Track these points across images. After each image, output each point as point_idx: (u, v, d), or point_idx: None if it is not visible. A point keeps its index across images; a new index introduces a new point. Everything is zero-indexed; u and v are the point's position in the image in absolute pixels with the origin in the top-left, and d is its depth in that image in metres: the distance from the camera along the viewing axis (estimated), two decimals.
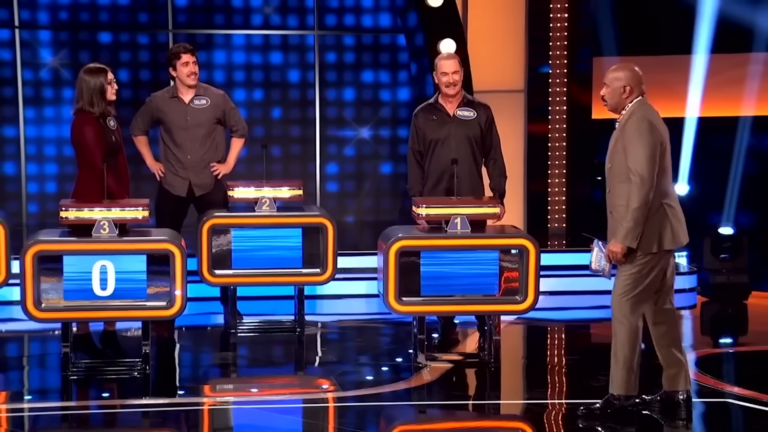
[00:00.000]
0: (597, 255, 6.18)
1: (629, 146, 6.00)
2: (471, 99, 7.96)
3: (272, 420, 6.36)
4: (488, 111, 7.92)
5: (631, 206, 5.97)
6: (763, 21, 11.82)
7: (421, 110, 7.93)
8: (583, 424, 6.12)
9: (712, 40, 11.76)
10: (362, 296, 9.33)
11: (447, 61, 7.81)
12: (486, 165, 7.97)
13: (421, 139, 7.85)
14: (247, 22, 11.98)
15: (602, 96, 6.16)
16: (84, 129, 7.48)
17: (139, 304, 6.98)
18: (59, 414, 6.54)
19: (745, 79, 11.92)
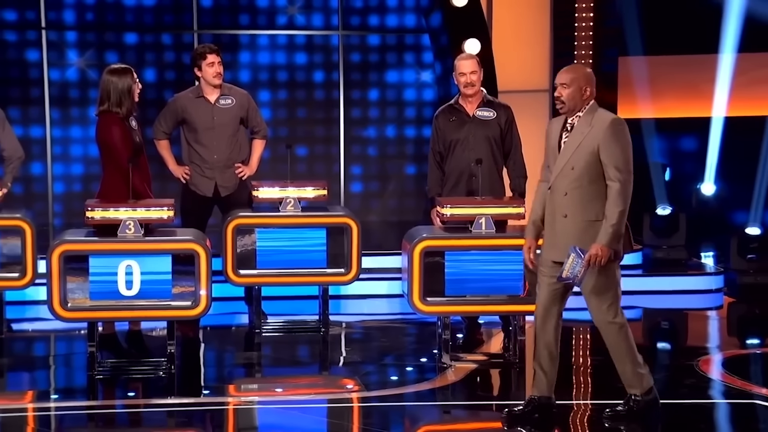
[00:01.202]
0: (573, 262, 5.85)
1: (607, 147, 5.86)
2: (491, 99, 7.95)
3: (297, 420, 6.37)
4: (508, 111, 7.91)
5: (618, 208, 5.84)
6: None
7: (441, 111, 7.93)
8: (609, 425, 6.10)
9: (739, 39, 11.71)
10: (386, 296, 9.33)
11: (465, 62, 7.81)
12: (506, 165, 7.95)
13: (441, 140, 7.85)
14: (272, 23, 12.01)
15: (558, 97, 5.98)
16: (111, 129, 7.51)
17: (164, 303, 7.01)
18: (85, 413, 6.57)
19: None
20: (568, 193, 5.93)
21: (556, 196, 5.97)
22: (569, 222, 5.93)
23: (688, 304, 9.62)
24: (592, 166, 5.89)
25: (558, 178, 5.95)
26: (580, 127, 5.94)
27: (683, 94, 12.31)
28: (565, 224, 5.95)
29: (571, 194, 5.92)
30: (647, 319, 9.30)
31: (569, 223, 5.94)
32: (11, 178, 8.20)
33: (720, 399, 6.83)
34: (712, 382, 7.13)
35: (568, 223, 5.94)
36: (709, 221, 11.91)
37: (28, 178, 11.69)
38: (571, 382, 7.28)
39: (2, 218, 7.76)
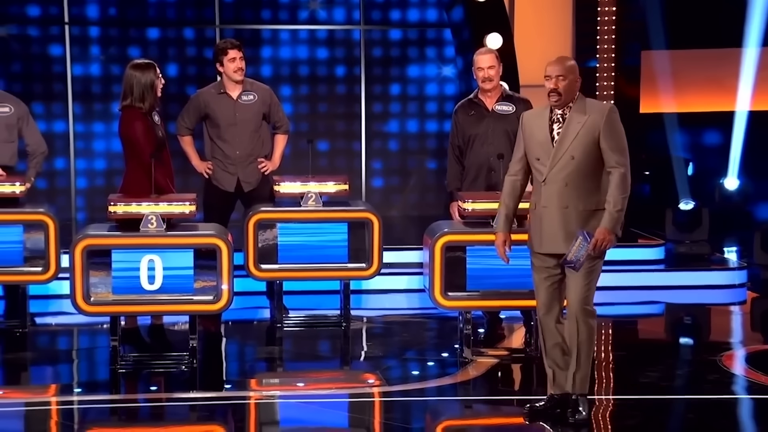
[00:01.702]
0: (579, 245, 5.81)
1: (609, 134, 5.86)
2: (510, 94, 7.93)
3: (318, 414, 6.38)
4: (528, 105, 7.87)
5: (622, 194, 5.84)
6: None
7: (460, 106, 7.92)
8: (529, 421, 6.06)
9: (763, 33, 11.65)
10: (408, 291, 9.34)
11: (483, 56, 7.78)
12: None
13: (460, 134, 7.83)
14: (294, 18, 12.02)
15: (555, 89, 5.93)
16: (134, 124, 7.52)
17: (186, 298, 7.03)
18: (108, 407, 6.60)
19: None
20: (568, 184, 5.89)
21: (553, 187, 5.91)
22: (571, 212, 5.90)
23: (711, 299, 9.58)
24: (591, 155, 5.87)
25: (555, 169, 5.90)
26: (575, 117, 5.92)
27: (706, 88, 12.26)
28: (567, 215, 5.90)
29: (572, 184, 5.89)
30: (670, 314, 9.27)
31: (572, 214, 5.90)
32: (35, 173, 8.24)
33: (743, 395, 6.80)
34: (736, 377, 7.10)
35: (570, 214, 5.90)
36: (733, 216, 11.87)
37: (51, 173, 11.75)
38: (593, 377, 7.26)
39: (26, 213, 7.79)
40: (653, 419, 6.21)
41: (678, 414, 6.43)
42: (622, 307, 9.38)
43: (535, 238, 6.03)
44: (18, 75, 11.60)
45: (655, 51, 11.85)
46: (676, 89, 12.12)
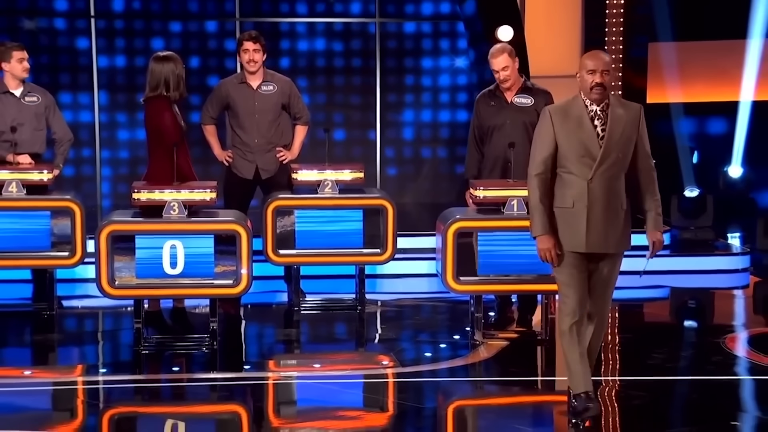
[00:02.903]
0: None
1: (645, 138, 5.70)
2: (530, 86, 7.88)
3: (334, 394, 6.39)
4: (548, 97, 7.83)
5: (657, 195, 5.71)
6: None
7: (481, 96, 7.88)
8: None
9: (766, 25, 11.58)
10: (421, 276, 9.32)
11: (496, 59, 7.68)
12: None
13: (480, 124, 7.80)
14: (311, 11, 12.00)
15: (602, 83, 5.58)
16: (163, 113, 7.54)
17: (207, 282, 7.04)
18: (131, 387, 6.62)
19: None
20: (613, 182, 5.58)
21: (599, 186, 5.55)
22: (618, 211, 5.63)
23: (715, 283, 9.55)
24: (629, 154, 5.64)
25: (603, 167, 5.57)
26: (617, 114, 5.65)
27: (711, 78, 12.20)
28: (614, 214, 5.62)
29: (616, 183, 5.59)
30: (675, 298, 9.24)
31: (619, 213, 5.64)
32: (62, 160, 8.26)
33: (746, 376, 6.79)
34: (738, 359, 7.08)
35: (617, 213, 5.63)
36: (736, 203, 11.81)
37: (77, 161, 11.77)
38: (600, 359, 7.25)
39: (53, 200, 7.81)
40: (659, 399, 6.20)
41: (682, 394, 6.41)
42: (629, 291, 9.34)
43: (575, 237, 5.60)
44: (45, 66, 11.61)
45: (661, 43, 11.79)
46: (682, 80, 12.06)
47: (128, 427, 5.91)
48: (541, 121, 5.68)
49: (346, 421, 5.94)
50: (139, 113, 11.52)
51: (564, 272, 5.66)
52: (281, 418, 6.15)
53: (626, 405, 6.17)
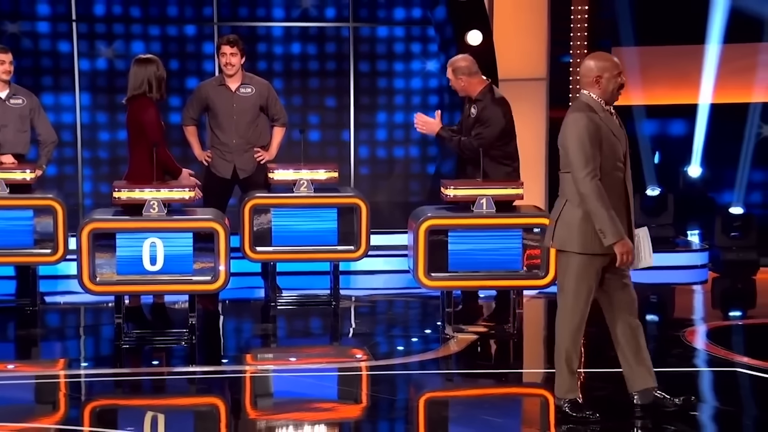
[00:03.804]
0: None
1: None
2: (479, 98, 7.75)
3: (309, 387, 6.38)
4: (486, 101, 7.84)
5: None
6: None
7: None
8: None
9: (724, 31, 11.64)
10: (393, 272, 9.32)
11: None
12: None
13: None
14: (287, 15, 11.97)
15: (624, 84, 5.54)
16: (148, 110, 7.53)
17: (185, 278, 7.01)
18: (112, 380, 6.58)
19: (755, 68, 11.80)
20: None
21: (626, 183, 5.50)
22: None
23: (675, 279, 9.60)
24: None
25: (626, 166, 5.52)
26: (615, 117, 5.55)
27: (672, 82, 12.25)
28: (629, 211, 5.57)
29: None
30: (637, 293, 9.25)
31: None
32: (46, 161, 8.21)
33: (704, 367, 6.83)
34: (697, 351, 7.12)
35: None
36: (696, 201, 11.87)
37: (60, 161, 11.70)
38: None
39: (36, 198, 7.77)
40: (621, 390, 6.22)
41: None
42: None
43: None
44: (29, 69, 11.53)
45: (624, 47, 11.83)
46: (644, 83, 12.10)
47: (109, 419, 5.88)
48: (584, 126, 5.40)
49: (321, 412, 5.93)
50: (119, 115, 11.47)
51: (584, 279, 5.52)
52: (258, 410, 6.13)
53: (590, 396, 6.19)
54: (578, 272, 5.51)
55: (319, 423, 5.77)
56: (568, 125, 5.45)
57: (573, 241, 5.48)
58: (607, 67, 5.47)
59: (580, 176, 5.36)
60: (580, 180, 5.36)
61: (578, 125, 5.40)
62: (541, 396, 6.33)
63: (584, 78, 5.50)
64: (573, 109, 5.52)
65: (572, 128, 5.41)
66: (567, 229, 5.49)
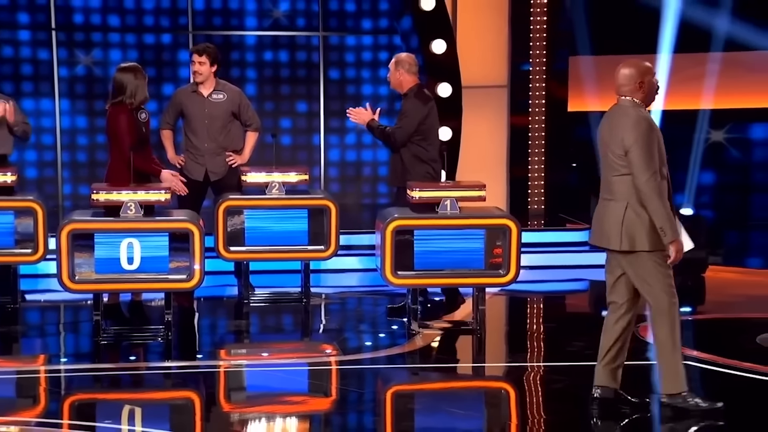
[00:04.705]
0: None
1: None
2: (407, 92, 7.84)
3: (281, 381, 6.36)
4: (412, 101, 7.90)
5: None
6: (719, 23, 11.79)
7: None
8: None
9: (674, 41, 11.72)
10: (362, 270, 9.32)
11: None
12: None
13: None
14: (260, 24, 11.94)
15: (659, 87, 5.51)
16: (119, 118, 7.49)
17: (162, 277, 6.97)
18: (91, 375, 6.54)
19: (703, 77, 11.90)
20: None
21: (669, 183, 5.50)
22: None
23: None
24: None
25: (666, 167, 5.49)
26: None
27: None
28: None
29: None
30: (593, 290, 9.32)
31: None
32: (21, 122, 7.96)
33: (656, 361, 6.85)
34: (650, 345, 7.15)
35: None
36: None
37: (40, 164, 11.61)
38: (525, 346, 7.30)
39: (17, 200, 7.69)
40: (578, 383, 6.24)
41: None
42: (552, 284, 9.43)
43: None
44: (9, 76, 11.43)
45: (581, 56, 11.89)
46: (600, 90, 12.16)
47: (88, 413, 5.83)
48: (645, 128, 5.38)
49: (292, 405, 5.92)
50: (98, 119, 11.38)
51: (665, 273, 5.50)
52: (232, 404, 6.11)
53: (549, 388, 6.22)
54: (660, 268, 5.47)
55: (291, 416, 5.75)
56: (628, 129, 5.36)
57: (644, 240, 5.41)
58: (648, 70, 5.46)
59: (644, 177, 5.32)
60: (645, 181, 5.32)
61: (641, 128, 5.35)
62: (502, 389, 6.35)
63: (627, 85, 5.44)
64: (627, 114, 5.42)
65: (635, 131, 5.35)
66: (636, 229, 5.41)
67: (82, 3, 11.65)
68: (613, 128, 5.45)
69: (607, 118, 5.55)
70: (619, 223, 5.46)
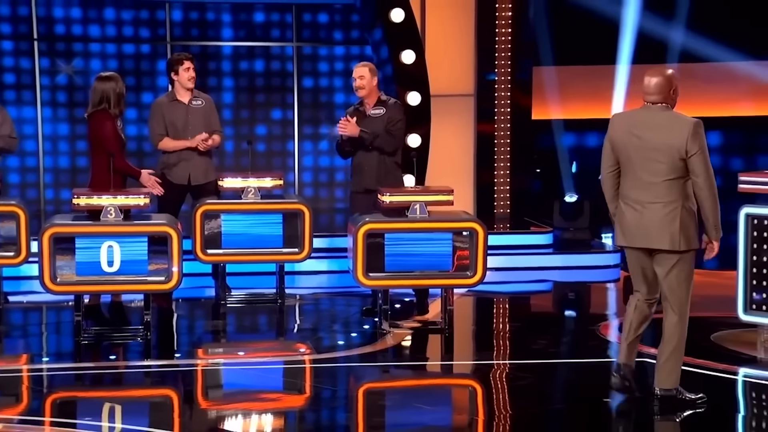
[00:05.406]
0: None
1: None
2: (384, 99, 7.89)
3: (257, 379, 6.34)
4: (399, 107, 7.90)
5: None
6: (675, 36, 11.88)
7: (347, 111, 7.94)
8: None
9: (632, 53, 11.81)
10: (334, 272, 9.31)
11: (355, 68, 7.81)
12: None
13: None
14: (236, 35, 11.91)
15: None
16: (105, 124, 7.47)
17: (141, 279, 6.93)
18: (73, 373, 6.49)
19: None
20: None
21: None
22: None
23: (591, 277, 9.70)
24: None
25: None
26: None
27: (587, 98, 12.39)
28: None
29: None
30: (557, 290, 9.36)
31: None
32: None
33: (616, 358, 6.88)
34: (610, 343, 7.19)
35: None
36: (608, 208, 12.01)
37: (22, 170, 11.52)
38: (492, 345, 7.32)
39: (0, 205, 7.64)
40: (543, 380, 6.27)
41: (563, 375, 6.50)
42: (517, 285, 9.46)
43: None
44: None
45: (544, 67, 11.95)
46: (562, 99, 12.23)
47: (69, 410, 5.79)
48: (703, 132, 5.40)
49: (268, 402, 5.90)
50: (79, 127, 11.31)
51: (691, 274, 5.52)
52: (209, 401, 6.08)
53: (514, 385, 6.23)
54: (692, 266, 5.51)
55: (266, 412, 5.73)
56: (692, 134, 5.33)
57: (694, 239, 5.45)
58: (675, 77, 5.46)
59: (712, 179, 5.35)
60: (712, 182, 5.35)
61: (701, 132, 5.36)
62: (470, 385, 6.36)
63: (661, 92, 5.42)
64: (681, 120, 5.40)
65: (699, 137, 5.34)
66: (690, 229, 5.42)
67: (64, 14, 11.58)
68: (665, 134, 5.38)
69: (645, 126, 5.44)
70: (677, 224, 5.39)
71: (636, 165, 5.46)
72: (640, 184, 5.46)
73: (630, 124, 5.50)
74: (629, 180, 5.51)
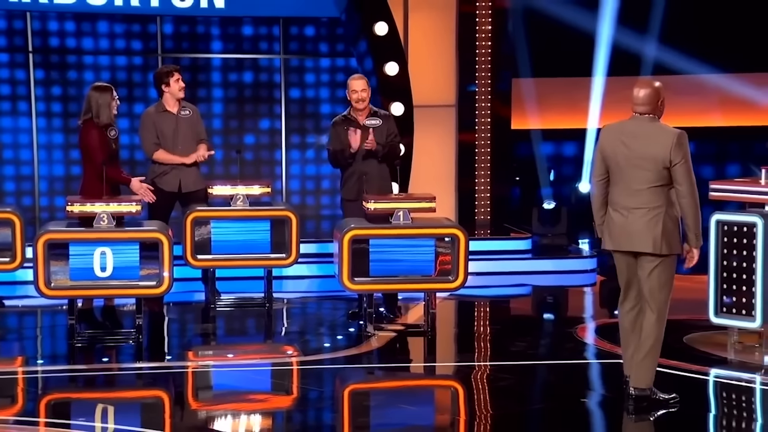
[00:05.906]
0: None
1: None
2: (376, 110, 7.88)
3: (246, 380, 6.33)
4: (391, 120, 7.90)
5: None
6: (648, 49, 11.94)
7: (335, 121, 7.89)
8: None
9: (608, 65, 11.86)
10: (321, 277, 9.30)
11: (355, 81, 7.74)
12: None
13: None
14: (225, 47, 11.90)
15: None
16: (90, 133, 7.47)
17: (133, 283, 6.92)
18: (66, 375, 6.47)
19: None
20: None
21: None
22: None
23: (568, 281, 9.72)
24: None
25: None
26: None
27: (565, 109, 12.43)
28: None
29: None
30: (535, 294, 9.38)
31: None
32: None
33: (593, 359, 6.93)
34: (587, 345, 7.22)
35: None
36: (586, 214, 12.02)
37: (17, 178, 11.48)
38: (472, 347, 7.33)
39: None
40: (522, 381, 6.29)
41: (541, 376, 6.51)
42: (497, 289, 9.48)
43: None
44: None
45: (523, 78, 11.98)
46: (540, 110, 12.27)
47: (64, 412, 5.77)
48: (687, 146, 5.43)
49: (256, 403, 5.90)
50: (72, 136, 11.28)
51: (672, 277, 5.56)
52: (199, 402, 6.07)
53: (494, 386, 6.24)
54: (674, 273, 5.54)
55: (255, 413, 5.73)
56: (675, 144, 5.37)
57: (676, 244, 5.49)
58: (662, 90, 5.51)
59: (694, 188, 5.38)
60: (694, 191, 5.38)
61: (685, 143, 5.40)
62: (451, 386, 6.37)
63: (650, 104, 5.47)
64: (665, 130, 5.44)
65: (683, 147, 5.38)
66: (672, 235, 5.46)
67: (58, 27, 11.55)
68: (651, 144, 5.41)
69: (633, 135, 5.48)
70: (659, 229, 5.43)
71: (624, 172, 5.50)
72: (628, 191, 5.50)
73: (620, 133, 5.55)
74: (618, 187, 5.55)
